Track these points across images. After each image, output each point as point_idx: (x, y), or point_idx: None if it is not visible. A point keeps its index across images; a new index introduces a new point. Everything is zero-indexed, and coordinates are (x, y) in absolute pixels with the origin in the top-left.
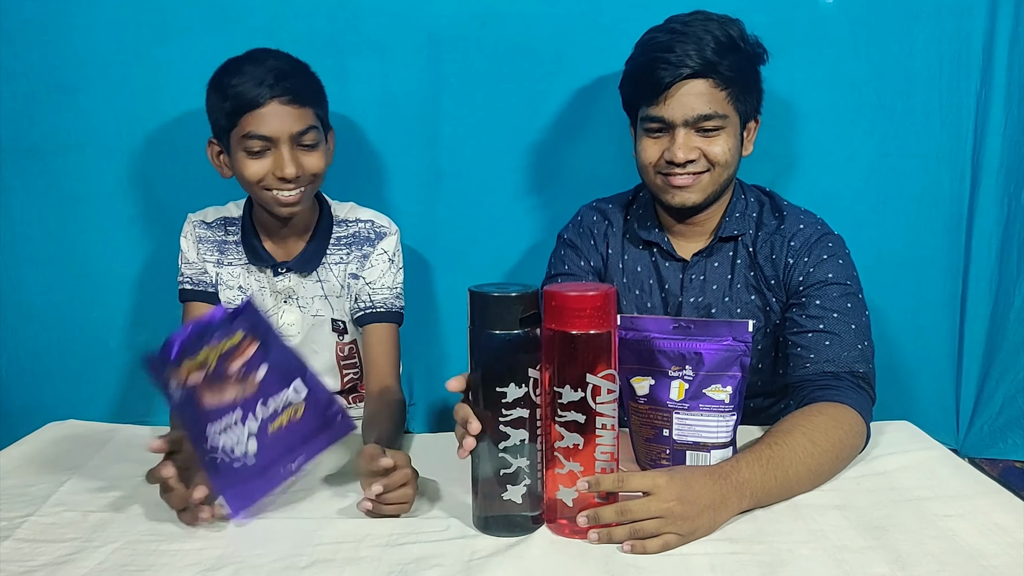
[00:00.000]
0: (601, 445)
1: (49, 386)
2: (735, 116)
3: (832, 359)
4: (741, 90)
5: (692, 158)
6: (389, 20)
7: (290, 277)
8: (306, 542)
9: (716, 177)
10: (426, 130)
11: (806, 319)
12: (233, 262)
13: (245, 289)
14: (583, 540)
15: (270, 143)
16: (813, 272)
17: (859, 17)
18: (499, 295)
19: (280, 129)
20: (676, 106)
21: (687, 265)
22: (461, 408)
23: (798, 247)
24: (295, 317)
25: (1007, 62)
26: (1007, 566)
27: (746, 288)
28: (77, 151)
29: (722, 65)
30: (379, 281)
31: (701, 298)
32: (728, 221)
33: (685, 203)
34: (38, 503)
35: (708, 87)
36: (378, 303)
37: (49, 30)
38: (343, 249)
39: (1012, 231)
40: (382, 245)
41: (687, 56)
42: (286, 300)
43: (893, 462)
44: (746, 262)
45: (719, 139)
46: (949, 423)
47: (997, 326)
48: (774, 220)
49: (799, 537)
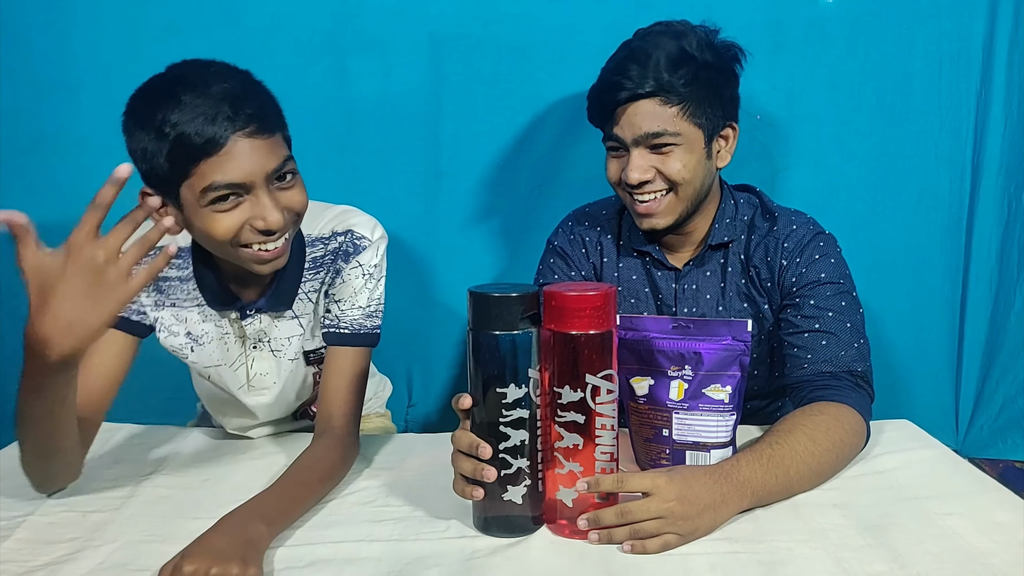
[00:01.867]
0: (601, 445)
1: None
2: (693, 131)
3: (830, 359)
4: (698, 104)
5: (647, 178)
6: (390, 19)
7: (261, 319)
8: (306, 542)
9: (682, 196)
10: (426, 130)
11: (801, 319)
12: (179, 303)
13: (197, 337)
14: (583, 541)
15: (241, 190)
16: (806, 272)
17: (858, 17)
18: (499, 295)
19: (252, 172)
20: (626, 126)
21: (680, 275)
22: (464, 436)
23: (791, 248)
24: (269, 365)
25: (1007, 61)
26: (1007, 564)
27: (738, 296)
28: (77, 149)
29: (673, 82)
30: (349, 300)
31: (695, 308)
32: (718, 228)
33: (655, 227)
34: (38, 503)
35: (656, 106)
36: (344, 324)
37: (49, 29)
38: (319, 271)
39: (1012, 232)
40: (358, 258)
41: (632, 78)
42: (255, 345)
43: (893, 461)
44: (737, 269)
45: (673, 156)
46: (949, 423)
47: (997, 327)
48: (766, 223)
49: (799, 536)
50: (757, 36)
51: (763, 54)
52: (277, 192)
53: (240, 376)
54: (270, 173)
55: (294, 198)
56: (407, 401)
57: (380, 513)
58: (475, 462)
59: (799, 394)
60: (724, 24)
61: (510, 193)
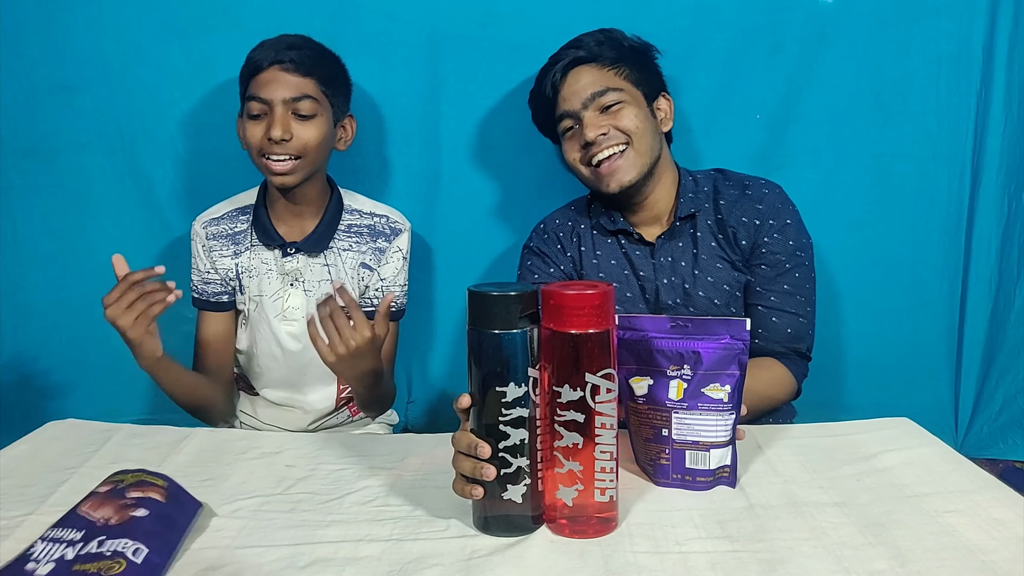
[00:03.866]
0: (601, 445)
1: (49, 386)
2: (632, 89)
3: (779, 340)
4: (630, 68)
5: (603, 131)
6: (389, 20)
7: (298, 258)
8: (306, 542)
9: (639, 148)
10: (426, 130)
11: (759, 291)
12: (248, 247)
13: (250, 270)
14: (583, 540)
15: (267, 106)
16: (776, 239)
17: (857, 17)
18: (499, 295)
19: (274, 93)
20: (571, 96)
21: (654, 249)
22: (463, 436)
23: (764, 210)
24: (300, 301)
25: (1007, 61)
26: (1007, 561)
27: (712, 259)
28: (78, 150)
29: (602, 52)
30: (392, 279)
31: (674, 277)
32: (683, 202)
33: (622, 183)
34: (37, 503)
35: (594, 69)
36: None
37: (49, 30)
38: (355, 237)
39: (1012, 231)
40: (398, 242)
41: (566, 54)
42: (292, 283)
43: (892, 459)
44: (708, 235)
45: (624, 111)
46: (948, 423)
47: (997, 326)
48: (734, 190)
49: (799, 535)
50: (755, 36)
51: (761, 54)
52: (293, 119)
53: (277, 306)
54: (287, 100)
55: (303, 129)
56: (407, 397)
57: (380, 513)
58: (474, 461)
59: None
60: (724, 24)
61: (510, 193)
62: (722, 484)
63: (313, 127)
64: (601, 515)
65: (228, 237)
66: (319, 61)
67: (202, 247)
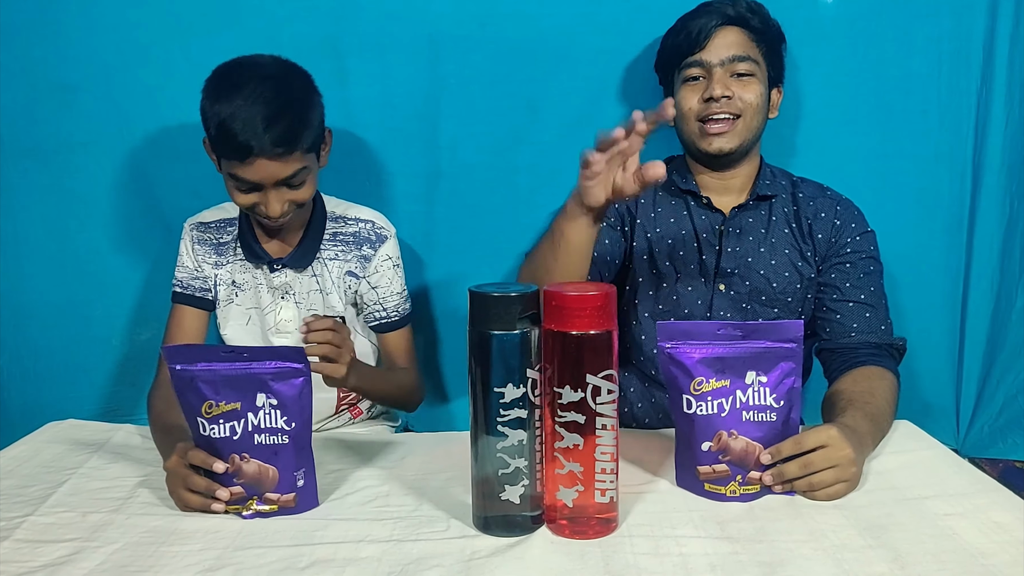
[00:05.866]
0: (601, 445)
1: (49, 386)
2: (764, 67)
3: (874, 330)
4: (769, 48)
5: (728, 94)
6: (389, 21)
7: (286, 273)
8: (306, 542)
9: (747, 123)
10: (426, 130)
11: (850, 288)
12: (231, 260)
13: (240, 285)
14: (583, 540)
15: (256, 187)
16: (859, 240)
17: (858, 17)
18: (499, 295)
19: (266, 178)
20: (713, 49)
21: (726, 218)
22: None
23: (843, 212)
24: (291, 313)
25: (1008, 60)
26: (1007, 564)
27: (781, 243)
28: (78, 150)
29: (752, 20)
30: (387, 288)
31: (738, 247)
32: (763, 183)
33: (722, 149)
34: (37, 503)
35: (741, 35)
36: (391, 311)
37: (49, 30)
38: (340, 246)
39: (1014, 231)
40: (385, 250)
41: (724, 7)
42: (283, 296)
43: (892, 461)
44: (782, 220)
45: (752, 85)
46: (949, 423)
47: (998, 326)
48: (812, 189)
49: (799, 536)
50: None
51: None
52: (285, 190)
53: (269, 320)
54: (280, 180)
55: (300, 194)
56: None
57: (380, 513)
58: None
59: (844, 356)
60: None
61: (510, 193)
62: None
63: (306, 187)
64: (601, 516)
65: (212, 246)
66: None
67: (191, 247)
